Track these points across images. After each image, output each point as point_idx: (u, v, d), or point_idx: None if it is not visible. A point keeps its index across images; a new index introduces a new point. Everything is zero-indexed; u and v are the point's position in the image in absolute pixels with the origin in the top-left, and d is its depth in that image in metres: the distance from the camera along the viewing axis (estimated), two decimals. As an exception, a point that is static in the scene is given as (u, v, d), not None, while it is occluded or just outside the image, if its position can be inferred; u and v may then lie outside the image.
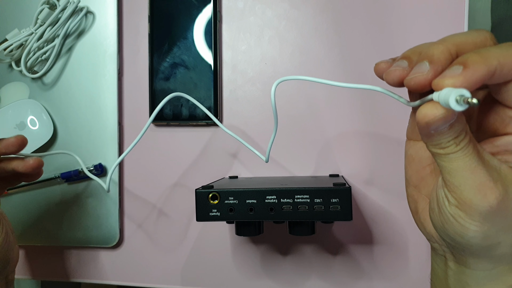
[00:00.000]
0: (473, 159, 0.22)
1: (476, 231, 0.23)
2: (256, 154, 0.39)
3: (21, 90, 0.48)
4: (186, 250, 0.46)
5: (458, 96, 0.19)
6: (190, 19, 0.45)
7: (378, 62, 0.25)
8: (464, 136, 0.22)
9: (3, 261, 0.35)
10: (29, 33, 0.45)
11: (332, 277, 0.44)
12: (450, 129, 0.21)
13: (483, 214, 0.22)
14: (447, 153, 0.22)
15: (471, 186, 0.22)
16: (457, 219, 0.23)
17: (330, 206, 0.32)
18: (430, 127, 0.21)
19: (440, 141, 0.22)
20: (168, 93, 0.45)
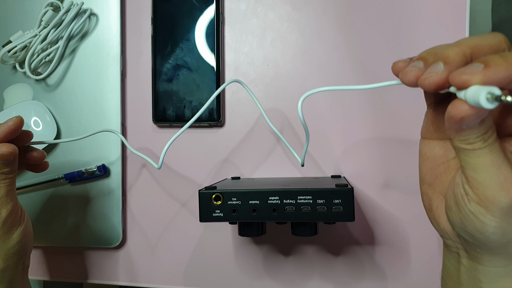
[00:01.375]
0: (499, 155, 0.22)
1: (496, 227, 0.23)
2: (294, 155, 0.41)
3: (25, 91, 0.48)
4: (188, 250, 0.47)
5: (488, 94, 0.19)
6: (192, 21, 0.46)
7: (396, 61, 0.26)
8: (492, 132, 0.22)
9: (23, 251, 0.37)
10: (33, 35, 0.45)
11: (334, 277, 0.44)
12: (480, 125, 0.22)
13: (504, 210, 0.23)
14: (474, 149, 0.22)
15: (496, 182, 0.22)
16: (478, 216, 0.24)
17: (332, 207, 0.32)
18: (463, 122, 0.21)
19: (468, 136, 0.22)
20: (171, 95, 0.46)
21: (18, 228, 0.36)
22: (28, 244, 0.38)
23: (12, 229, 0.35)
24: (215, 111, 0.45)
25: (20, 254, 0.37)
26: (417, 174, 0.43)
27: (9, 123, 0.34)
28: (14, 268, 0.36)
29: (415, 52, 0.42)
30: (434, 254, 0.42)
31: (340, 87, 0.30)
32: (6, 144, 0.34)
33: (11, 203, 0.35)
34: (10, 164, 0.34)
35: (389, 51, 0.43)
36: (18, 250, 0.36)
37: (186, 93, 0.46)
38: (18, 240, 0.36)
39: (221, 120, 0.46)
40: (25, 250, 0.37)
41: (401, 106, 0.43)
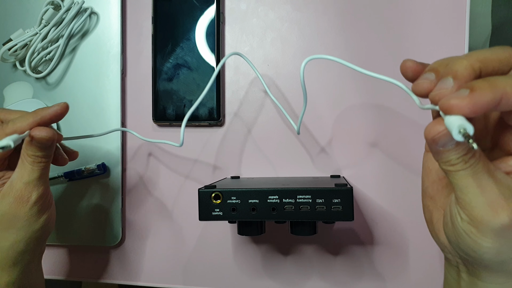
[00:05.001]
0: (483, 176, 0.22)
1: (489, 247, 0.23)
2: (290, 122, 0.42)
3: (25, 89, 0.48)
4: (187, 249, 0.47)
5: (461, 128, 0.20)
6: (193, 21, 0.46)
7: (406, 60, 0.26)
8: (473, 154, 0.22)
9: (45, 237, 0.37)
10: (33, 33, 0.45)
11: (332, 277, 0.44)
12: (457, 147, 0.22)
13: (495, 231, 0.23)
14: (457, 170, 0.23)
15: (482, 203, 0.23)
16: (470, 235, 0.24)
17: (332, 206, 0.32)
18: (436, 142, 0.22)
19: (449, 158, 0.23)
20: (171, 94, 0.46)
21: (45, 213, 0.36)
22: (50, 231, 0.38)
23: (39, 213, 0.35)
24: (215, 111, 0.45)
25: (42, 239, 0.37)
26: (417, 174, 0.43)
27: (55, 107, 0.34)
28: (33, 252, 0.36)
29: (414, 53, 0.43)
30: (433, 255, 0.43)
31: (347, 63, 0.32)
32: (46, 128, 0.34)
33: (42, 187, 0.35)
34: (47, 149, 0.34)
35: (389, 51, 0.44)
36: (41, 235, 0.36)
37: (186, 92, 0.46)
38: (42, 225, 0.36)
39: (221, 119, 0.46)
40: (46, 236, 0.37)
41: (402, 106, 0.43)
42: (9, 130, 0.33)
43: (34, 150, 0.33)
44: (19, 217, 0.34)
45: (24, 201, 0.33)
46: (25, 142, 0.34)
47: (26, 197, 0.33)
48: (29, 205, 0.34)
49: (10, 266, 0.34)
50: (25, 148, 0.34)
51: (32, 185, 0.34)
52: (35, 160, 0.34)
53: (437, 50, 0.43)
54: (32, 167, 0.34)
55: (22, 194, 0.33)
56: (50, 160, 0.35)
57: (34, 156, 0.34)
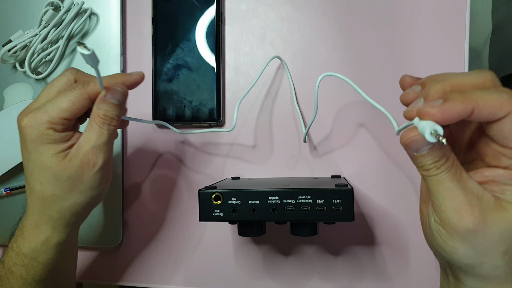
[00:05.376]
0: (453, 183, 0.25)
1: (455, 248, 0.26)
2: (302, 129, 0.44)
3: (25, 91, 0.48)
4: (188, 250, 0.47)
5: (432, 130, 0.23)
6: (193, 21, 0.46)
7: (404, 75, 0.29)
8: (445, 161, 0.25)
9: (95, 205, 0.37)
10: (33, 34, 0.45)
11: (333, 277, 0.44)
12: (430, 153, 0.25)
13: (460, 234, 0.25)
14: (430, 175, 0.25)
15: (450, 208, 0.25)
16: (440, 236, 0.26)
17: (332, 207, 0.32)
18: (409, 147, 0.25)
19: (423, 163, 0.25)
20: (172, 95, 0.46)
21: (106, 182, 0.36)
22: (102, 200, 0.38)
23: (102, 180, 0.35)
24: (215, 111, 0.45)
25: (93, 206, 0.37)
26: (417, 175, 0.43)
27: (135, 75, 0.35)
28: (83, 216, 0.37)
29: (415, 53, 0.43)
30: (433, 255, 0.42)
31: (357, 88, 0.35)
32: (122, 86, 0.34)
33: (108, 154, 0.34)
34: (118, 108, 0.34)
35: (389, 51, 0.43)
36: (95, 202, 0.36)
37: (187, 93, 0.46)
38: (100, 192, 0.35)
39: (221, 120, 0.46)
40: (97, 204, 0.37)
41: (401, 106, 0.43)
42: (90, 89, 0.33)
43: (107, 108, 0.33)
44: (82, 181, 0.33)
45: (90, 166, 0.33)
46: (97, 101, 0.33)
47: (92, 161, 0.33)
48: (94, 170, 0.33)
49: (63, 226, 0.35)
50: (97, 107, 0.33)
51: (99, 149, 0.33)
52: (105, 121, 0.33)
53: (437, 49, 0.43)
54: (101, 129, 0.33)
55: (89, 158, 0.33)
56: (117, 125, 0.34)
57: (105, 116, 0.33)
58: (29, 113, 0.32)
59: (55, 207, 0.34)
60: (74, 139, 0.34)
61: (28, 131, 0.32)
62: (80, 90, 0.33)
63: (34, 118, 0.32)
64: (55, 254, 0.35)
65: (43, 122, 0.32)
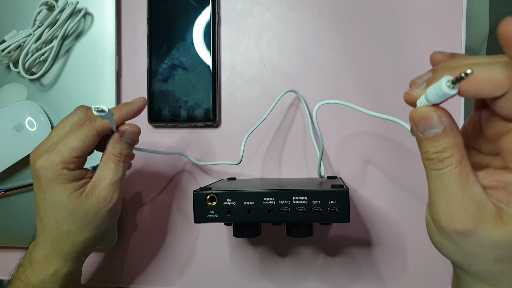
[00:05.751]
0: (453, 185, 0.23)
1: (443, 244, 0.25)
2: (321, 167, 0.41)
3: (19, 91, 0.48)
4: (184, 252, 0.46)
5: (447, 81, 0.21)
6: (188, 21, 0.46)
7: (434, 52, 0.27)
8: (451, 156, 0.23)
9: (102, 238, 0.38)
10: (27, 34, 0.45)
11: (330, 279, 0.44)
12: (436, 139, 0.23)
13: (449, 235, 0.24)
14: (431, 169, 0.24)
15: (443, 210, 0.23)
16: (430, 229, 0.26)
17: (328, 208, 0.32)
18: (417, 124, 0.24)
19: (426, 148, 0.24)
20: (167, 95, 0.45)
21: (117, 215, 0.37)
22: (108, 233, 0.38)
23: (115, 214, 0.36)
24: (211, 112, 0.45)
25: (103, 238, 0.37)
26: (415, 176, 0.43)
27: (137, 103, 0.36)
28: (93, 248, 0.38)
29: (411, 52, 0.42)
30: (431, 256, 0.42)
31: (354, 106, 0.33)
32: (134, 124, 0.35)
33: (122, 189, 0.36)
34: (133, 146, 0.35)
35: (386, 50, 0.43)
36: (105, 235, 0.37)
37: (182, 93, 0.45)
38: (111, 226, 0.37)
39: (217, 120, 0.45)
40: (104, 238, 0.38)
41: (400, 107, 0.42)
42: (98, 126, 0.34)
43: (122, 147, 0.34)
44: (98, 216, 0.34)
45: (107, 202, 0.34)
46: (113, 140, 0.34)
47: (109, 197, 0.34)
48: (109, 206, 0.34)
49: (74, 259, 0.35)
50: (112, 146, 0.34)
51: (115, 186, 0.34)
52: (121, 159, 0.34)
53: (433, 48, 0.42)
54: (117, 166, 0.34)
55: (106, 195, 0.34)
56: (130, 161, 0.36)
57: (120, 155, 0.34)
58: (43, 155, 0.33)
59: (69, 242, 0.34)
60: (87, 176, 0.35)
61: (43, 172, 0.33)
62: (88, 127, 0.33)
63: (48, 160, 0.33)
64: (63, 284, 0.36)
65: (57, 163, 0.33)
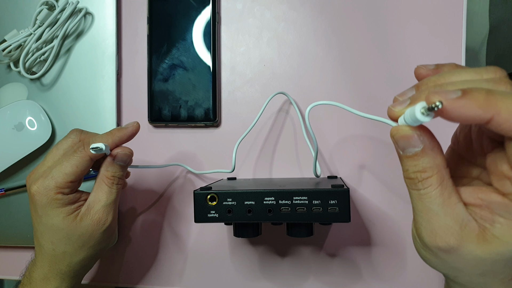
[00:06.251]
0: (434, 206, 0.23)
1: (428, 258, 0.26)
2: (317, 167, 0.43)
3: (20, 91, 0.48)
4: (184, 251, 0.46)
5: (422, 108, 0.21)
6: (189, 21, 0.46)
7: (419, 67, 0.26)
8: (430, 176, 0.23)
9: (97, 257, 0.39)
10: (27, 33, 0.45)
11: (330, 279, 0.44)
12: (415, 158, 0.23)
13: (433, 251, 0.24)
14: (412, 188, 0.24)
15: (425, 228, 0.24)
16: (416, 243, 0.26)
17: (328, 208, 0.32)
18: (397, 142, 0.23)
19: (407, 167, 0.24)
20: (167, 95, 0.45)
21: (113, 235, 0.38)
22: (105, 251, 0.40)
23: (110, 235, 0.37)
24: (211, 111, 0.45)
25: (99, 257, 0.39)
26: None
27: (130, 128, 0.36)
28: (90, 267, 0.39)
29: (411, 53, 0.42)
30: (431, 255, 0.42)
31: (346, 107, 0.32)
32: (126, 147, 0.36)
33: (116, 210, 0.37)
34: (125, 168, 0.36)
35: (386, 50, 0.43)
36: (101, 254, 0.38)
37: (182, 93, 0.45)
38: (107, 245, 0.38)
39: (217, 120, 0.45)
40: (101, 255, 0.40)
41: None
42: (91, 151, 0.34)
43: (115, 170, 0.35)
44: (93, 237, 0.35)
45: (101, 224, 0.35)
46: (106, 163, 0.35)
47: (103, 219, 0.35)
48: (104, 227, 0.35)
49: (71, 277, 0.37)
50: (105, 169, 0.35)
51: (109, 208, 0.35)
52: (114, 181, 0.35)
53: (433, 49, 0.42)
54: (111, 189, 0.35)
55: (100, 217, 0.35)
56: (124, 182, 0.37)
57: (113, 177, 0.35)
58: (37, 180, 0.34)
59: (65, 262, 0.36)
60: (82, 199, 0.36)
61: (37, 197, 0.34)
62: (82, 152, 0.34)
63: (43, 185, 0.33)
64: None
65: (51, 188, 0.33)
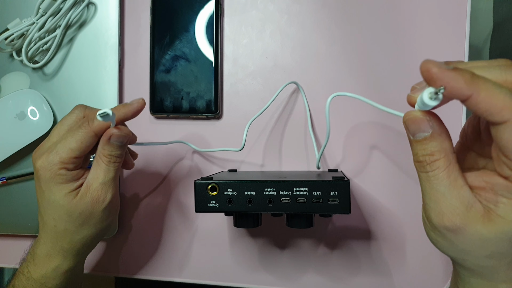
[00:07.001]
0: (442, 187, 0.24)
1: (437, 240, 0.27)
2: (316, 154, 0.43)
3: (22, 80, 0.48)
4: (184, 242, 0.46)
5: (430, 92, 0.22)
6: (192, 12, 0.45)
7: None
8: (438, 159, 0.24)
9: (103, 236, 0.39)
10: (30, 23, 0.45)
11: (329, 271, 0.44)
12: (425, 142, 0.24)
13: (441, 232, 0.25)
14: (421, 171, 0.25)
15: (433, 209, 0.25)
16: (425, 226, 0.27)
17: (328, 199, 0.32)
18: (408, 127, 0.25)
19: (416, 150, 0.25)
20: (169, 86, 0.45)
21: (113, 214, 0.38)
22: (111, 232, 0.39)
23: (110, 214, 0.37)
24: (213, 103, 0.45)
25: (102, 236, 0.38)
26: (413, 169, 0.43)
27: (135, 104, 0.36)
28: (92, 246, 0.39)
29: (414, 46, 0.42)
30: (430, 250, 0.42)
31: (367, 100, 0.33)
32: (123, 126, 0.35)
33: (115, 189, 0.36)
34: (123, 148, 0.36)
35: (389, 45, 0.43)
36: (104, 233, 0.38)
37: (184, 84, 0.45)
38: (109, 224, 0.38)
39: (219, 112, 0.45)
40: (105, 234, 0.39)
41: (401, 101, 0.42)
42: (96, 126, 0.34)
43: (111, 149, 0.35)
44: (93, 215, 0.35)
45: (100, 201, 0.35)
46: (102, 142, 0.35)
47: (102, 197, 0.35)
48: (103, 205, 0.35)
49: (73, 256, 0.37)
50: (102, 148, 0.35)
51: (107, 185, 0.35)
52: (111, 160, 0.35)
53: (437, 46, 0.42)
54: (108, 167, 0.35)
55: (99, 195, 0.35)
56: (122, 161, 0.36)
57: (110, 156, 0.35)
58: (42, 155, 0.34)
59: (67, 239, 0.36)
60: (84, 177, 0.36)
61: (42, 172, 0.34)
62: (86, 128, 0.34)
63: (47, 160, 0.34)
64: (63, 280, 0.37)
65: (55, 163, 0.34)
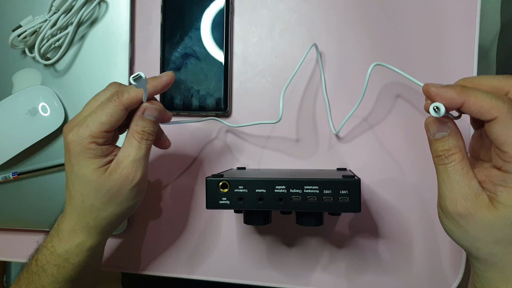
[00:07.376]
0: (457, 176, 0.29)
1: (452, 229, 0.30)
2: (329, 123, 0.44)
3: (34, 76, 0.48)
4: (192, 239, 0.47)
5: (434, 106, 0.28)
6: (202, 10, 0.46)
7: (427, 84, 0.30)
8: (455, 153, 0.29)
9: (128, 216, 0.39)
10: (43, 20, 0.45)
11: (337, 270, 0.44)
12: (443, 140, 0.29)
13: (454, 218, 0.29)
14: (439, 163, 0.30)
15: (449, 197, 0.29)
16: (441, 217, 0.31)
17: (339, 198, 0.32)
18: (428, 129, 0.30)
19: (436, 147, 0.30)
20: (179, 83, 0.46)
21: (141, 195, 0.37)
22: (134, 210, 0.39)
23: (138, 193, 0.36)
24: (222, 101, 0.45)
25: (127, 216, 0.38)
26: (423, 169, 0.43)
27: (164, 77, 0.36)
28: (116, 225, 0.38)
29: (423, 44, 0.42)
30: (437, 249, 0.43)
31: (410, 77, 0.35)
32: (157, 101, 0.35)
33: (146, 168, 0.36)
34: (156, 124, 0.36)
35: (399, 43, 0.43)
36: (129, 213, 0.37)
37: (194, 82, 0.46)
38: (135, 204, 0.37)
39: (228, 110, 0.46)
40: (130, 214, 0.38)
41: (409, 101, 0.43)
42: (125, 99, 0.34)
43: (145, 125, 0.35)
44: (121, 193, 0.35)
45: (130, 180, 0.34)
46: (135, 117, 0.35)
47: (132, 175, 0.34)
48: (132, 184, 0.35)
49: (97, 233, 0.36)
50: (135, 124, 0.35)
51: (138, 164, 0.35)
52: (143, 137, 0.35)
53: (446, 46, 0.42)
54: (140, 144, 0.35)
55: (129, 172, 0.34)
56: (153, 139, 0.36)
57: (143, 132, 0.35)
58: (73, 129, 0.34)
59: (93, 216, 0.35)
60: (114, 153, 0.35)
61: (72, 146, 0.34)
62: (116, 101, 0.34)
63: (77, 133, 0.33)
64: (86, 257, 0.37)
65: (86, 136, 0.33)
